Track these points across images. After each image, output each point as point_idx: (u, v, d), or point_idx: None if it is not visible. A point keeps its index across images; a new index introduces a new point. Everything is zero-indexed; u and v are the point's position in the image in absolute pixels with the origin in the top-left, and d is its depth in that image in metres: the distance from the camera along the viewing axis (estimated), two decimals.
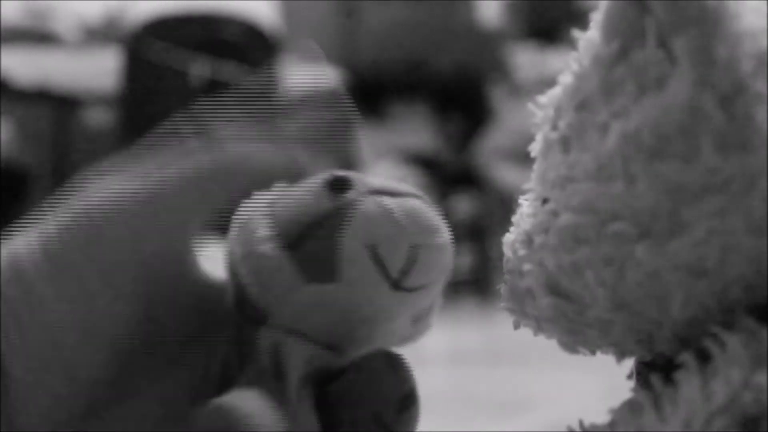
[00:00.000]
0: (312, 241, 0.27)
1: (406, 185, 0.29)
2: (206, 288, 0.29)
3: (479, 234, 2.98)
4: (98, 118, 2.33)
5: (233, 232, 0.29)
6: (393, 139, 3.01)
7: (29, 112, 2.29)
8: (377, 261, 0.27)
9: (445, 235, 0.29)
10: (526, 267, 0.26)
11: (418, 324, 0.30)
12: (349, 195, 0.27)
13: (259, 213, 0.28)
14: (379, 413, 0.28)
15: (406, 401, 0.29)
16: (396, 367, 0.29)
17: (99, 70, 2.16)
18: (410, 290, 0.28)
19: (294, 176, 0.29)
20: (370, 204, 0.27)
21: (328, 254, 0.27)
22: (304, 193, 0.28)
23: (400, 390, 0.29)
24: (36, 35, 2.33)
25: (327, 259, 0.27)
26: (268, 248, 0.27)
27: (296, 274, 0.27)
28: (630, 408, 0.25)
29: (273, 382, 0.27)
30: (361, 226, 0.27)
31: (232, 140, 0.30)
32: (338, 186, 0.28)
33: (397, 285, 0.27)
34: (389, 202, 0.27)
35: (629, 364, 0.27)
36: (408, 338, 0.31)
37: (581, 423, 0.26)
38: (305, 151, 0.30)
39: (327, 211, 0.27)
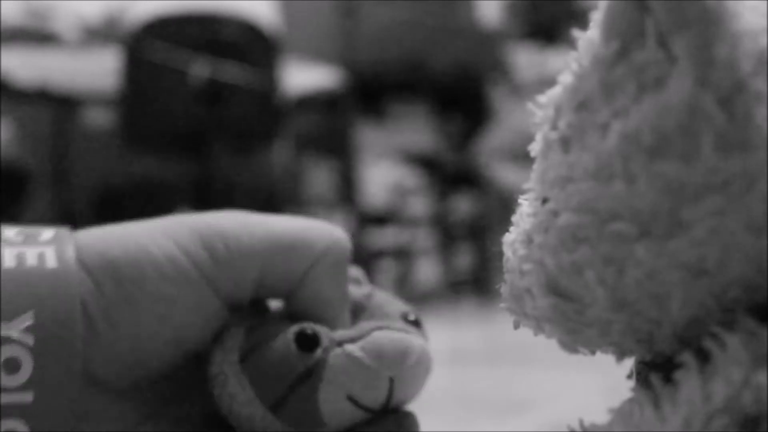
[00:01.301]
0: (293, 402, 0.29)
1: (364, 325, 0.31)
2: None
3: (479, 234, 2.98)
4: (98, 118, 2.33)
5: (214, 387, 0.30)
6: (393, 139, 3.01)
7: (29, 112, 2.29)
8: (358, 404, 0.29)
9: (415, 351, 0.30)
10: (526, 267, 0.26)
11: None
12: (318, 353, 0.29)
13: (234, 371, 0.29)
14: None
15: None
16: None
17: (99, 70, 2.16)
18: (394, 409, 0.30)
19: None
20: (339, 357, 0.29)
21: (311, 410, 0.29)
22: (276, 354, 0.29)
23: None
24: (36, 35, 2.33)
25: (310, 415, 0.29)
26: (252, 411, 0.29)
27: (283, 426, 0.29)
28: (630, 407, 0.25)
29: None
30: (336, 381, 0.29)
31: None
32: (307, 345, 0.29)
33: (381, 412, 0.30)
34: (353, 349, 0.29)
35: (629, 363, 0.27)
36: None
37: (581, 423, 0.27)
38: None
39: (301, 373, 0.29)
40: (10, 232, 0.27)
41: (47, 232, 0.28)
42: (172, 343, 0.28)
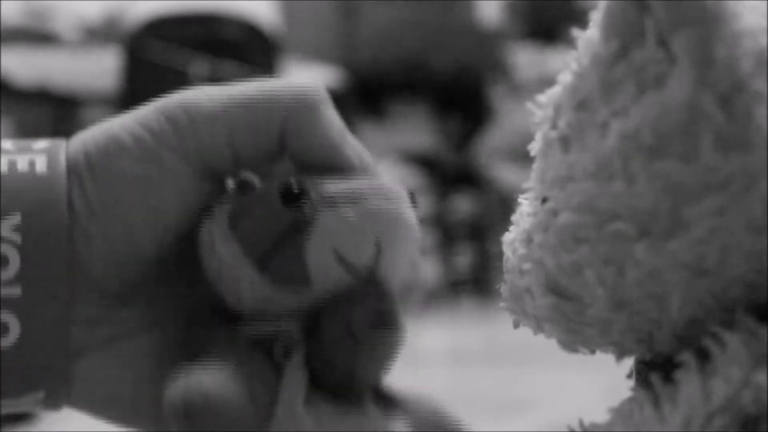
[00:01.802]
0: (279, 258, 0.28)
1: (360, 182, 0.30)
2: None
3: (479, 233, 2.98)
4: (98, 118, 2.33)
5: (204, 252, 0.29)
6: (393, 138, 3.01)
7: (29, 112, 2.29)
8: (344, 261, 0.28)
9: (404, 219, 0.30)
10: (526, 266, 0.26)
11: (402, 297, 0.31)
12: (306, 207, 0.28)
13: (222, 233, 0.29)
14: (350, 323, 0.28)
15: (381, 317, 0.29)
16: (375, 287, 0.30)
17: (99, 70, 2.16)
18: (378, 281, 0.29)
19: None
20: (329, 217, 0.28)
21: (297, 267, 0.28)
22: (262, 209, 0.29)
23: (375, 305, 0.29)
24: (36, 35, 2.33)
25: (296, 272, 0.28)
26: (239, 272, 0.28)
27: (270, 287, 0.28)
28: (630, 407, 0.25)
29: (247, 350, 0.29)
30: (324, 237, 0.28)
31: None
32: (293, 199, 0.28)
33: (364, 273, 0.29)
34: (347, 211, 0.29)
35: (629, 363, 0.27)
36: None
37: (581, 422, 0.26)
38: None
39: (287, 227, 0.28)
40: (7, 143, 0.29)
41: (42, 143, 0.29)
42: (157, 225, 0.29)
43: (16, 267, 0.26)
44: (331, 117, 0.31)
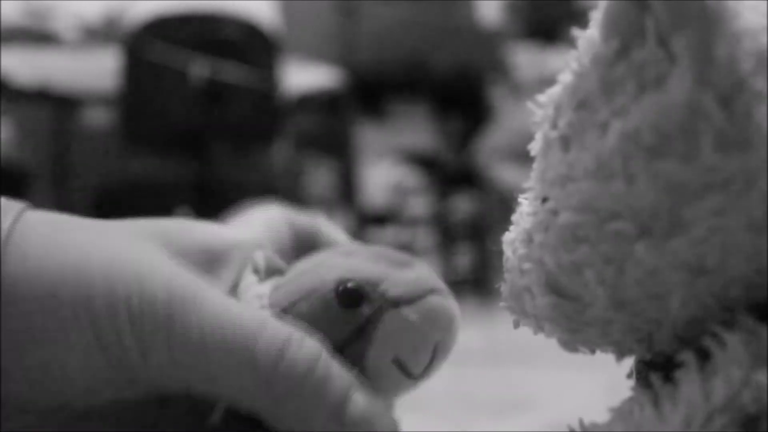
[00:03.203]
0: (341, 361, 0.27)
1: (420, 276, 0.29)
2: None
3: (479, 233, 2.98)
4: (98, 118, 2.33)
5: None
6: (393, 138, 3.01)
7: (29, 112, 2.29)
8: (402, 368, 0.28)
9: (458, 318, 0.30)
10: (526, 266, 0.26)
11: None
12: (365, 309, 0.28)
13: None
14: None
15: None
16: None
17: (99, 70, 2.16)
18: (430, 373, 0.29)
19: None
20: (393, 319, 0.28)
21: (357, 370, 0.27)
22: (316, 312, 0.28)
23: None
24: (36, 35, 2.33)
25: (355, 374, 0.27)
26: None
27: None
28: (630, 407, 0.25)
29: None
30: (387, 343, 0.28)
31: None
32: (351, 302, 0.28)
33: (420, 378, 0.29)
34: (408, 312, 0.28)
35: (629, 363, 0.27)
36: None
37: (581, 422, 0.26)
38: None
39: (348, 333, 0.28)
40: None
41: None
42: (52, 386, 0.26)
43: None
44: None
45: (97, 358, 0.26)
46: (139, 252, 0.27)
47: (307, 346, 0.26)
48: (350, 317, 0.28)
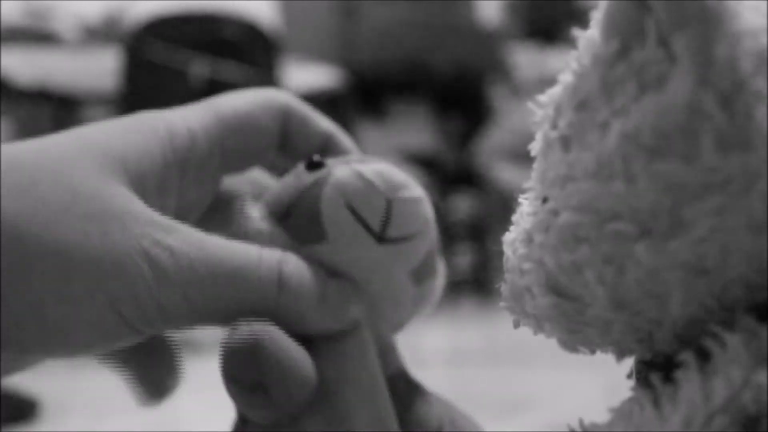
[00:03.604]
0: (297, 212, 0.31)
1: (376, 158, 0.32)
2: None
3: (479, 233, 2.98)
4: (98, 118, 2.33)
5: (234, 217, 0.32)
6: (393, 138, 3.01)
7: (29, 112, 2.29)
8: (357, 217, 0.30)
9: (416, 189, 0.32)
10: (526, 266, 0.26)
11: (423, 285, 0.33)
12: (324, 169, 0.31)
13: (250, 201, 0.32)
14: None
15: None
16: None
17: (99, 70, 2.16)
18: (394, 241, 0.31)
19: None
20: (342, 170, 0.31)
21: (313, 219, 0.30)
22: (286, 178, 0.32)
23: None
24: (36, 35, 2.33)
25: (312, 223, 0.30)
26: (262, 225, 0.31)
27: (289, 241, 0.30)
28: (630, 407, 0.25)
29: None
30: (337, 189, 0.30)
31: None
32: (315, 165, 0.31)
33: (380, 237, 0.30)
34: (359, 166, 0.31)
35: (629, 363, 0.27)
36: (418, 301, 0.33)
37: (581, 422, 0.26)
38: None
39: (307, 185, 0.31)
40: None
41: None
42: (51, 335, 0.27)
43: None
44: (318, 115, 0.34)
45: (110, 319, 0.27)
46: (124, 202, 0.28)
47: (293, 262, 0.29)
48: (307, 177, 0.31)
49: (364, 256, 0.31)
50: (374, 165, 0.31)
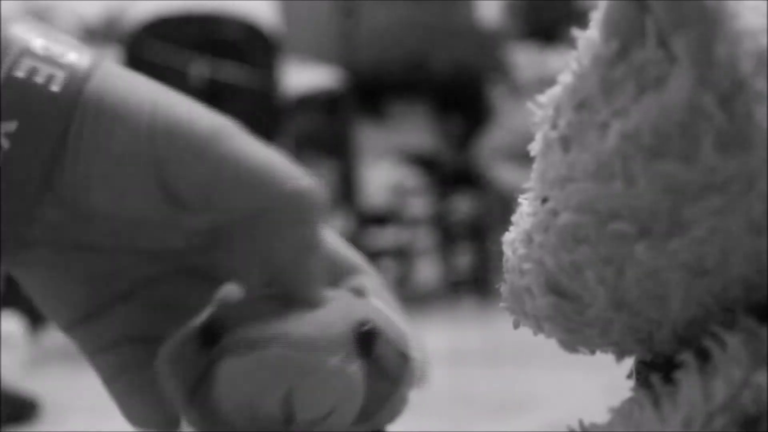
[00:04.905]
0: (199, 399, 0.28)
1: (274, 325, 0.28)
2: None
3: (479, 233, 2.98)
4: None
5: (159, 371, 0.30)
6: (393, 138, 3.01)
7: None
8: (257, 414, 0.28)
9: (319, 369, 0.28)
10: (526, 266, 0.26)
11: (373, 416, 0.30)
12: (215, 349, 0.28)
13: (164, 362, 0.29)
14: None
15: None
16: None
17: None
18: (308, 424, 0.28)
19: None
20: (229, 365, 0.28)
21: (212, 410, 0.28)
22: (186, 348, 0.29)
23: None
24: None
25: (213, 414, 0.28)
26: (177, 399, 0.29)
27: (204, 424, 0.29)
28: (630, 407, 0.25)
29: None
30: (228, 389, 0.28)
31: None
32: (211, 338, 0.28)
33: (288, 427, 0.28)
34: (249, 359, 0.27)
35: (629, 363, 0.27)
36: (378, 419, 0.30)
37: (581, 422, 0.26)
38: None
39: (202, 368, 0.28)
40: (40, 41, 0.29)
41: (73, 54, 0.29)
42: (119, 208, 0.29)
43: None
44: (307, 228, 0.29)
45: (155, 191, 0.29)
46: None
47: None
48: (204, 355, 0.28)
49: None
50: (269, 350, 0.27)
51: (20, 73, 0.28)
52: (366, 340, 0.28)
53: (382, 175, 2.91)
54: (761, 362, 0.22)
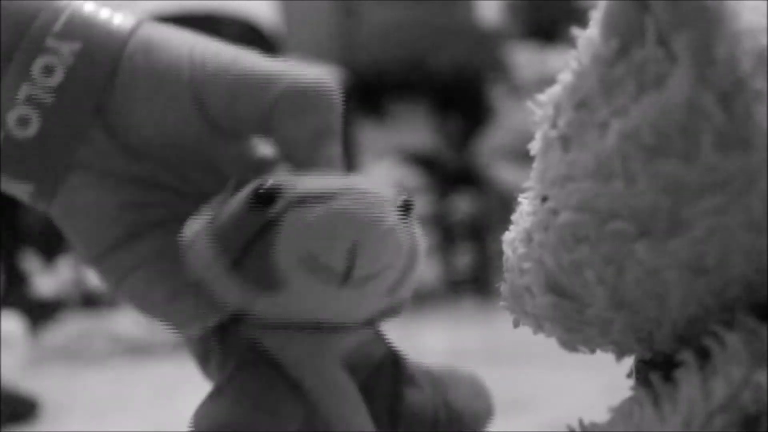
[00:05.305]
0: (251, 259, 0.28)
1: (337, 181, 0.29)
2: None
3: (479, 233, 2.98)
4: None
5: (185, 248, 0.30)
6: (393, 138, 3.01)
7: None
8: (317, 266, 0.28)
9: (387, 218, 0.29)
10: (526, 265, 0.26)
11: (395, 293, 0.30)
12: (276, 207, 0.28)
13: (202, 231, 0.29)
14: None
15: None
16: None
17: None
18: (361, 280, 0.28)
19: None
20: (298, 216, 0.28)
21: (268, 269, 0.28)
22: (235, 209, 0.29)
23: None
24: None
25: (268, 274, 0.28)
26: (215, 272, 0.29)
27: (247, 290, 0.28)
28: (630, 406, 0.25)
29: (266, 369, 0.29)
30: (294, 238, 0.28)
31: None
32: (266, 199, 0.28)
33: (344, 282, 0.28)
34: (317, 210, 0.28)
35: (629, 362, 0.27)
36: (391, 307, 0.31)
37: (581, 422, 0.26)
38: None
39: (258, 228, 0.28)
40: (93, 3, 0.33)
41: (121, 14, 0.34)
42: (159, 131, 0.33)
43: (58, 80, 0.31)
44: (313, 119, 0.33)
45: (191, 110, 0.32)
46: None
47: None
48: (261, 214, 0.28)
49: (327, 301, 0.29)
50: (337, 202, 0.28)
51: (86, 10, 0.33)
52: (407, 207, 0.30)
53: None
54: (761, 361, 0.22)
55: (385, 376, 0.32)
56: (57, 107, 0.32)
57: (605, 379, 0.41)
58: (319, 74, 0.33)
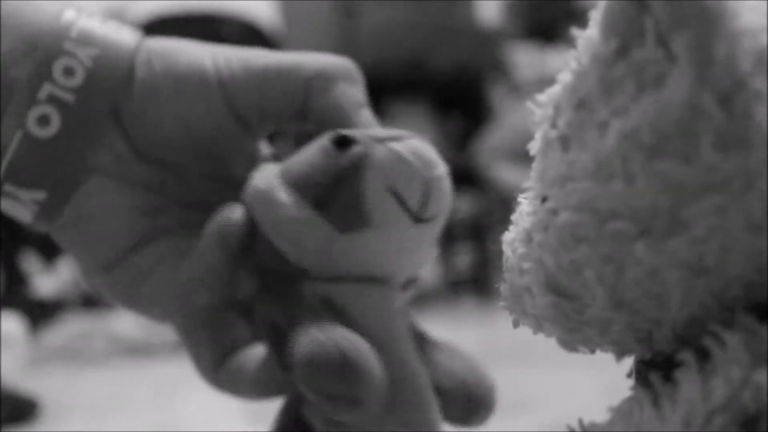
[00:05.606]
0: (338, 197, 0.29)
1: (401, 131, 0.31)
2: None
3: (479, 233, 2.98)
4: None
5: (256, 206, 0.31)
6: None
7: None
8: (399, 200, 0.29)
9: (443, 165, 0.31)
10: (526, 265, 0.26)
11: (430, 252, 0.33)
12: (358, 148, 0.30)
13: (273, 183, 0.31)
14: None
15: None
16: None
17: None
18: (428, 220, 0.30)
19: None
20: (381, 151, 0.30)
21: (356, 204, 0.29)
22: (312, 156, 0.30)
23: None
24: None
25: (356, 209, 0.29)
26: (297, 212, 0.30)
27: (331, 229, 0.29)
28: (629, 406, 0.25)
29: (341, 321, 0.30)
30: (380, 173, 0.29)
31: None
32: (345, 143, 0.30)
33: (417, 218, 0.30)
34: (397, 146, 0.30)
35: (629, 362, 0.27)
36: (426, 260, 0.33)
37: (581, 422, 0.26)
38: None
39: (344, 166, 0.29)
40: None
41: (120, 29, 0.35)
42: (188, 132, 0.34)
43: (79, 81, 0.32)
44: (348, 90, 0.35)
45: (221, 108, 0.34)
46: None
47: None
48: (344, 155, 0.30)
49: (402, 239, 0.30)
50: (408, 142, 0.30)
51: (96, 21, 0.34)
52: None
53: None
54: (761, 361, 0.22)
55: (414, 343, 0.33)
56: (78, 107, 0.32)
57: (605, 379, 0.41)
58: (338, 58, 0.36)
